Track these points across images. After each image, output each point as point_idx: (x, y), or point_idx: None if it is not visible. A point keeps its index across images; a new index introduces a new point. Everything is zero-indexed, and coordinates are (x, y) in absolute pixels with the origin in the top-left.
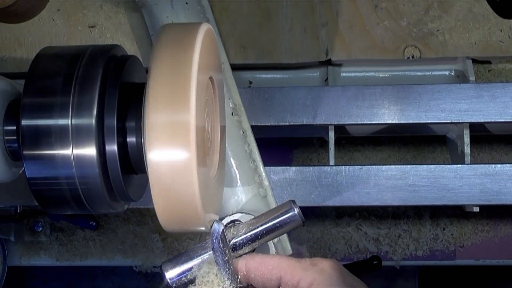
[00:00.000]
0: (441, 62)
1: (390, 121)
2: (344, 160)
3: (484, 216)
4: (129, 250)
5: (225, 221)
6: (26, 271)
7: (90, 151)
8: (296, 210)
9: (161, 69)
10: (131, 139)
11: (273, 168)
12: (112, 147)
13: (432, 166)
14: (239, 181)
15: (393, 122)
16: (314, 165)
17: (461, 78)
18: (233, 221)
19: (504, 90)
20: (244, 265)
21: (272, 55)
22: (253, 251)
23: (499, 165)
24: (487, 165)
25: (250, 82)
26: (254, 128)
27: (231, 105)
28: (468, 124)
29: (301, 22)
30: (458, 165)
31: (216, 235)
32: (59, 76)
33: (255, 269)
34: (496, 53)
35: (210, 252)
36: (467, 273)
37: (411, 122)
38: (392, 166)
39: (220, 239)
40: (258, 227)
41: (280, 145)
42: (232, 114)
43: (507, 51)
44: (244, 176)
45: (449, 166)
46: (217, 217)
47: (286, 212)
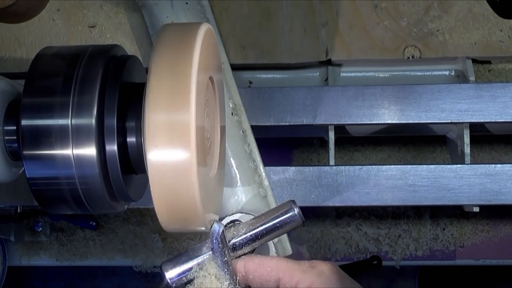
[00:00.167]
0: (441, 62)
1: (390, 121)
2: (344, 160)
3: (484, 216)
4: (129, 250)
5: (225, 221)
6: (26, 271)
7: (90, 151)
8: (296, 210)
9: (161, 69)
10: (131, 139)
11: (273, 168)
12: (112, 147)
13: (432, 166)
14: (239, 181)
15: (393, 122)
16: (314, 165)
17: (461, 78)
18: (233, 221)
19: (504, 90)
20: (243, 266)
21: (272, 55)
22: (253, 251)
23: (499, 165)
24: (487, 165)
25: (250, 82)
26: (254, 128)
27: (231, 105)
28: (468, 124)
29: (301, 22)
30: (458, 165)
31: (216, 236)
32: (59, 76)
33: (254, 271)
34: (496, 53)
35: (210, 253)
36: (467, 273)
37: (411, 122)
38: (392, 166)
39: (220, 240)
40: (258, 227)
41: (280, 145)
42: (232, 114)
43: (507, 51)
44: (244, 176)
45: (449, 166)
46: (217, 217)
47: (286, 212)
